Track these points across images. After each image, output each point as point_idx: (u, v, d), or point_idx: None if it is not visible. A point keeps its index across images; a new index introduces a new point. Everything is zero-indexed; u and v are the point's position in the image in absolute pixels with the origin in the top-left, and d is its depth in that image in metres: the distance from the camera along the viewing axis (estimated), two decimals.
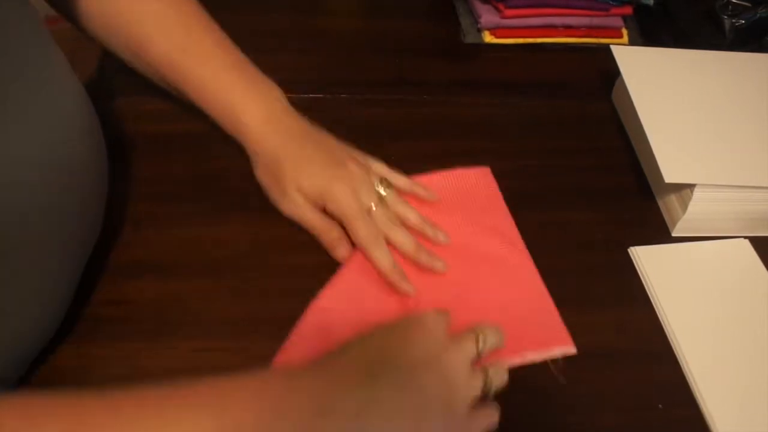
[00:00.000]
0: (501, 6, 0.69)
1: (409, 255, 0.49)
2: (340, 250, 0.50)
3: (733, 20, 0.67)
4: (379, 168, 0.53)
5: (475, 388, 0.38)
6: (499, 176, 0.58)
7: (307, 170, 0.49)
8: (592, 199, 0.58)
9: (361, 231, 0.49)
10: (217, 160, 0.55)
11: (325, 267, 0.50)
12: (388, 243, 0.49)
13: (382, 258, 0.48)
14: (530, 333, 0.47)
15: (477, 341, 0.40)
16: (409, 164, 0.58)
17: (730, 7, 0.68)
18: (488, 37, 0.71)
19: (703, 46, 0.66)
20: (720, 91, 0.61)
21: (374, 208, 0.49)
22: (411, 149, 0.59)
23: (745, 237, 0.56)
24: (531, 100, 0.67)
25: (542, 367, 0.46)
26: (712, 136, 0.57)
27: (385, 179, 0.52)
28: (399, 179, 0.53)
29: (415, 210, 0.52)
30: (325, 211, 0.50)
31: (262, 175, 0.51)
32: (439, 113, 0.64)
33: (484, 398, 0.39)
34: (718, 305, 0.51)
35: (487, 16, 0.71)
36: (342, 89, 0.64)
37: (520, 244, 0.53)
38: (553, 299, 0.50)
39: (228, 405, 0.31)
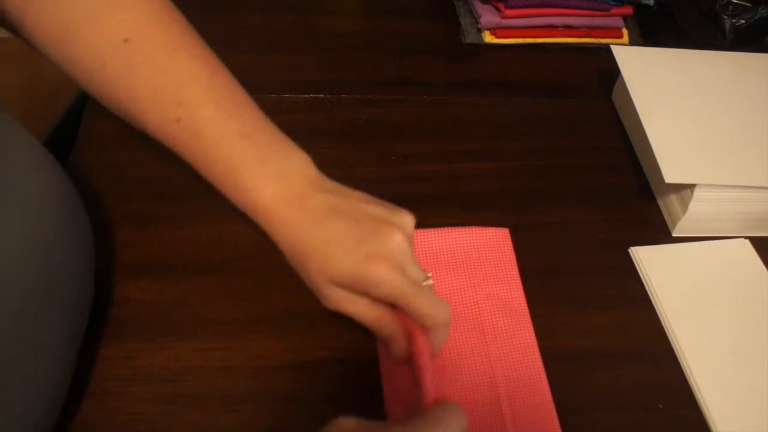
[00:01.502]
0: (501, 6, 0.69)
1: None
2: (395, 347, 0.42)
3: (734, 20, 0.67)
4: None
5: None
6: (499, 176, 0.59)
7: (334, 256, 0.40)
8: (592, 199, 0.58)
9: (424, 306, 0.40)
10: None
11: None
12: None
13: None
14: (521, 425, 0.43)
15: None
16: (410, 164, 0.58)
17: (730, 7, 0.68)
18: (488, 37, 0.71)
19: (703, 46, 0.66)
20: (720, 91, 0.61)
21: (425, 283, 0.42)
22: (411, 149, 0.60)
23: (746, 237, 0.56)
24: (531, 100, 0.67)
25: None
26: (712, 136, 0.56)
27: None
28: None
29: None
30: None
31: (293, 267, 0.44)
32: (439, 113, 0.64)
33: None
34: (718, 305, 0.51)
35: (488, 16, 0.70)
36: (342, 89, 0.64)
37: (525, 318, 0.48)
38: (553, 299, 0.50)
39: None
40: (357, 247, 0.40)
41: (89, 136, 0.57)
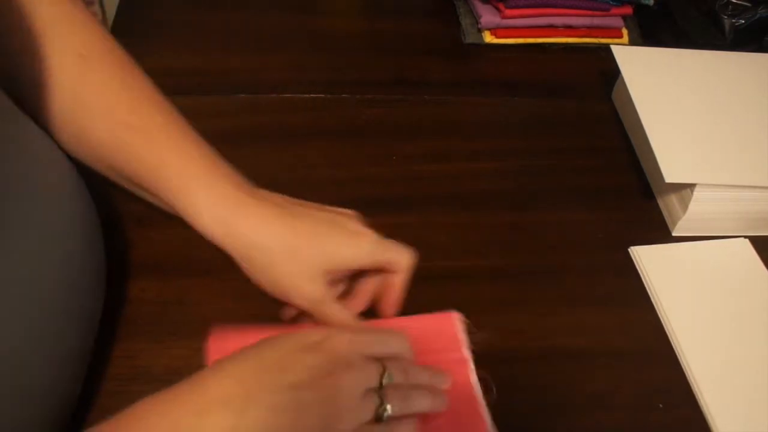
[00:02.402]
0: (501, 6, 0.70)
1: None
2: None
3: (733, 20, 0.67)
4: None
5: (365, 412, 0.34)
6: (499, 176, 0.59)
7: (331, 237, 0.42)
8: (592, 199, 0.58)
9: (393, 255, 0.43)
10: None
11: None
12: None
13: None
14: None
15: (381, 375, 0.36)
16: (410, 164, 0.59)
17: (730, 7, 0.68)
18: (488, 37, 0.71)
19: (703, 46, 0.66)
20: (720, 91, 0.61)
21: None
22: (411, 149, 0.60)
23: (746, 237, 0.56)
24: (531, 100, 0.67)
25: (542, 367, 0.47)
26: (712, 136, 0.57)
27: None
28: None
29: None
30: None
31: (259, 261, 0.42)
32: (439, 113, 0.64)
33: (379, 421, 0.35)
34: (718, 305, 0.51)
35: (488, 16, 0.71)
36: (342, 89, 0.64)
37: (474, 402, 0.42)
38: (554, 299, 0.50)
39: None
40: (342, 228, 0.42)
41: None
